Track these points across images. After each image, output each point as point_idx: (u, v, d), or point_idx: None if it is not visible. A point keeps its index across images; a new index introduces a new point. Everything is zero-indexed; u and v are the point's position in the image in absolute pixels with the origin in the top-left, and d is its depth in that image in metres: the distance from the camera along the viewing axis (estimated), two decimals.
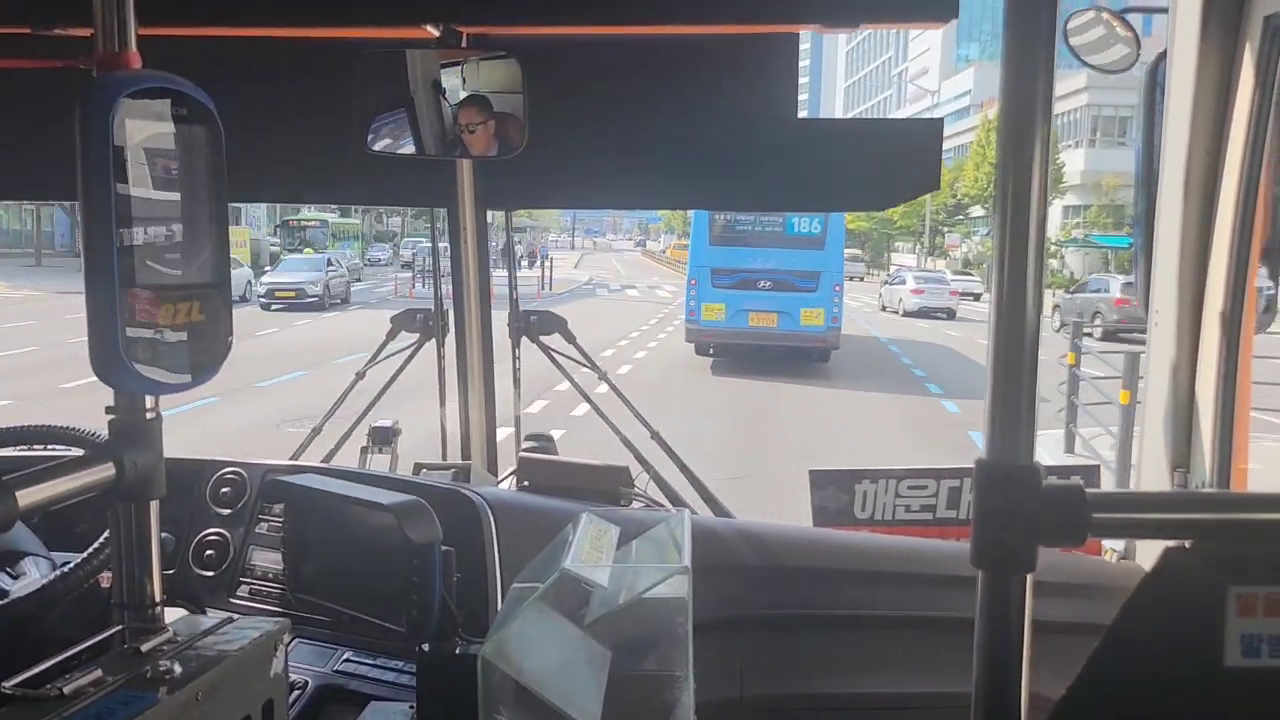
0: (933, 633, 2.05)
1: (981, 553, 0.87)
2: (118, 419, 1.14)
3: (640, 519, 1.94)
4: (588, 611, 1.50)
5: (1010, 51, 0.85)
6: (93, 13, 1.10)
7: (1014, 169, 0.85)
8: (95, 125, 1.00)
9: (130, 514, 1.16)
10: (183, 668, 1.08)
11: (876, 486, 2.52)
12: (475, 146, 2.23)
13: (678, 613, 1.48)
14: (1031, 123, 0.84)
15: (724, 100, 2.28)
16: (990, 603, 0.87)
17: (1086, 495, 0.87)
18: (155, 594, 1.17)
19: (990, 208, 31.03)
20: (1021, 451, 0.85)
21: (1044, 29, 0.85)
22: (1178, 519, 0.92)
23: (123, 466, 1.11)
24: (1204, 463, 2.09)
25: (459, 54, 2.18)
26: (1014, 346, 0.85)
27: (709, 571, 1.73)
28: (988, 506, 0.87)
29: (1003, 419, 0.86)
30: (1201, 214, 2.04)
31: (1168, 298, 2.12)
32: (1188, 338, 2.10)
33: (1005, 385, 0.85)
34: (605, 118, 2.35)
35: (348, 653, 2.00)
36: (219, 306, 1.15)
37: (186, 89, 1.10)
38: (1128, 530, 1.14)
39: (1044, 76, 0.84)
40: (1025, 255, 0.85)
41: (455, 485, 2.19)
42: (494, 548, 1.94)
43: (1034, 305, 0.85)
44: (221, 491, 2.26)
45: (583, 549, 1.53)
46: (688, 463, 2.73)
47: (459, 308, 2.71)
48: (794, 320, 17.77)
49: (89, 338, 1.03)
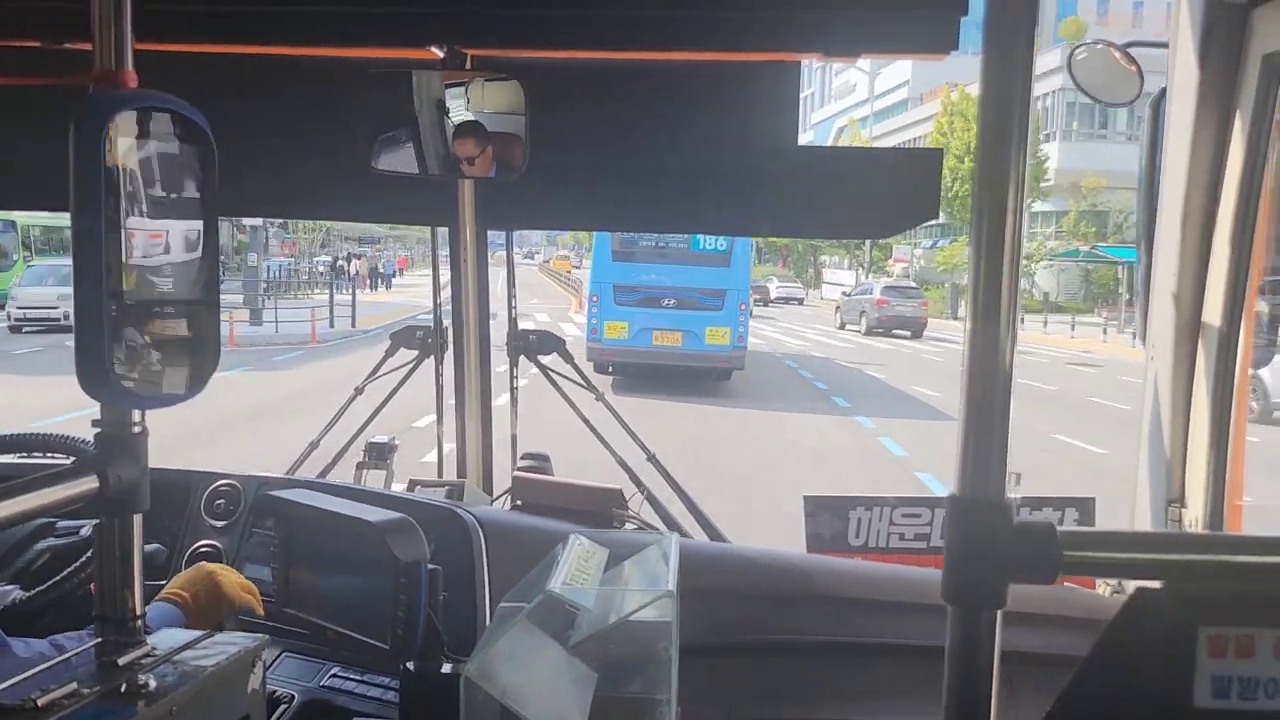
0: (920, 660, 2.04)
1: (952, 588, 0.87)
2: (104, 432, 1.14)
3: (631, 541, 1.94)
4: (573, 633, 1.50)
5: (989, 65, 0.85)
6: (91, 30, 1.12)
7: (989, 205, 0.84)
8: (88, 141, 1.01)
9: (113, 527, 1.17)
10: (159, 682, 1.09)
11: (871, 514, 2.52)
12: (476, 168, 2.24)
13: (663, 636, 1.48)
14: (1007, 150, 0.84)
15: (725, 126, 2.29)
16: (960, 638, 0.87)
17: (1058, 534, 0.87)
18: (136, 607, 1.18)
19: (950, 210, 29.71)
20: (993, 487, 0.85)
21: (1024, 32, 0.84)
22: (1149, 559, 0.92)
23: (107, 479, 1.11)
24: (1198, 499, 2.09)
25: (463, 76, 2.20)
26: (987, 380, 0.85)
27: (699, 595, 1.73)
28: (959, 542, 0.87)
29: (975, 453, 0.85)
30: (1199, 248, 2.05)
31: (1164, 331, 2.12)
32: (1183, 372, 2.10)
33: (978, 419, 0.85)
34: (606, 141, 2.36)
35: (334, 668, 2.00)
36: (208, 322, 1.16)
37: (181, 108, 1.11)
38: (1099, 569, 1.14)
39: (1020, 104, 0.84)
40: (999, 288, 0.84)
41: (448, 503, 2.20)
42: (483, 567, 1.95)
43: (1007, 338, 0.85)
44: (215, 503, 2.27)
45: (570, 570, 1.53)
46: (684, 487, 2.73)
47: (458, 326, 2.72)
48: (699, 340, 17.09)
49: (76, 350, 1.04)
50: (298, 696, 1.94)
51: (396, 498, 2.23)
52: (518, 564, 1.70)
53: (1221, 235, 1.98)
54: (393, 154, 2.22)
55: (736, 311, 17.20)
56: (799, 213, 2.40)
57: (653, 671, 1.50)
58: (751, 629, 2.08)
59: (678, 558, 1.58)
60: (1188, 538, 1.45)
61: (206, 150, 1.13)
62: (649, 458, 2.82)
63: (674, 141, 2.33)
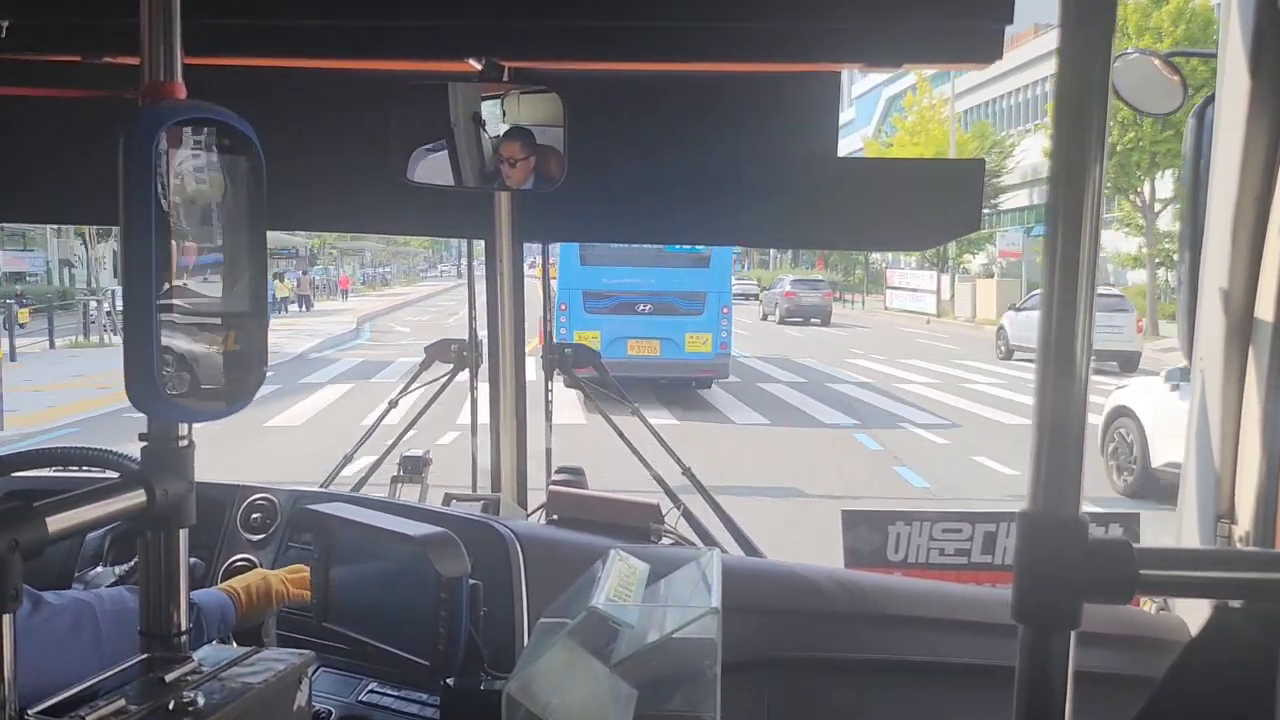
0: (967, 680, 2.01)
1: (1023, 608, 0.84)
2: (150, 446, 1.14)
3: (670, 557, 1.92)
4: (615, 650, 1.48)
5: (1066, 55, 0.81)
6: (140, 43, 1.11)
7: (1064, 205, 0.82)
8: (139, 154, 1.01)
9: (160, 542, 1.16)
10: (206, 699, 1.08)
11: (910, 529, 2.49)
12: (514, 179, 2.24)
13: (706, 654, 1.46)
14: (1084, 164, 0.81)
15: (763, 138, 2.27)
16: (1031, 659, 0.84)
17: (1135, 552, 0.84)
18: (181, 623, 1.17)
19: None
20: (1067, 504, 0.83)
21: (1104, 17, 0.81)
22: (1227, 578, 0.89)
23: (154, 494, 1.11)
24: (1248, 513, 2.04)
25: (500, 88, 2.20)
26: (1062, 392, 0.82)
27: (739, 612, 1.71)
28: (1031, 560, 0.84)
29: (1048, 468, 0.83)
30: (1250, 260, 2.01)
31: (1213, 348, 2.08)
32: (1234, 387, 2.06)
33: (1052, 433, 0.82)
34: (643, 153, 2.35)
35: (372, 684, 1.99)
36: (255, 335, 1.15)
37: (230, 120, 1.10)
38: (1176, 589, 1.11)
39: (1098, 101, 0.81)
40: (1075, 294, 0.81)
41: (484, 518, 2.19)
42: (521, 582, 1.93)
43: (1084, 349, 0.82)
44: (252, 517, 2.27)
45: (611, 586, 1.51)
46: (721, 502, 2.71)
47: (493, 339, 2.71)
48: (678, 347, 15.80)
49: (125, 364, 1.04)
50: (335, 712, 1.93)
51: (433, 512, 2.22)
52: (555, 579, 1.68)
53: (1273, 246, 1.94)
54: (430, 166, 2.22)
55: (718, 315, 16.03)
56: (838, 224, 2.38)
57: (696, 689, 1.48)
58: (794, 646, 2.05)
59: (720, 574, 1.56)
60: (1267, 556, 1.41)
61: (255, 162, 1.13)
62: (684, 471, 2.79)
63: (711, 153, 2.32)
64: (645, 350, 15.81)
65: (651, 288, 15.90)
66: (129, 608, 1.46)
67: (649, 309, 15.92)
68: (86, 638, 1.45)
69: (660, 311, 15.91)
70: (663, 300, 15.92)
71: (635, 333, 15.75)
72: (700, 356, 16.00)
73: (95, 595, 1.56)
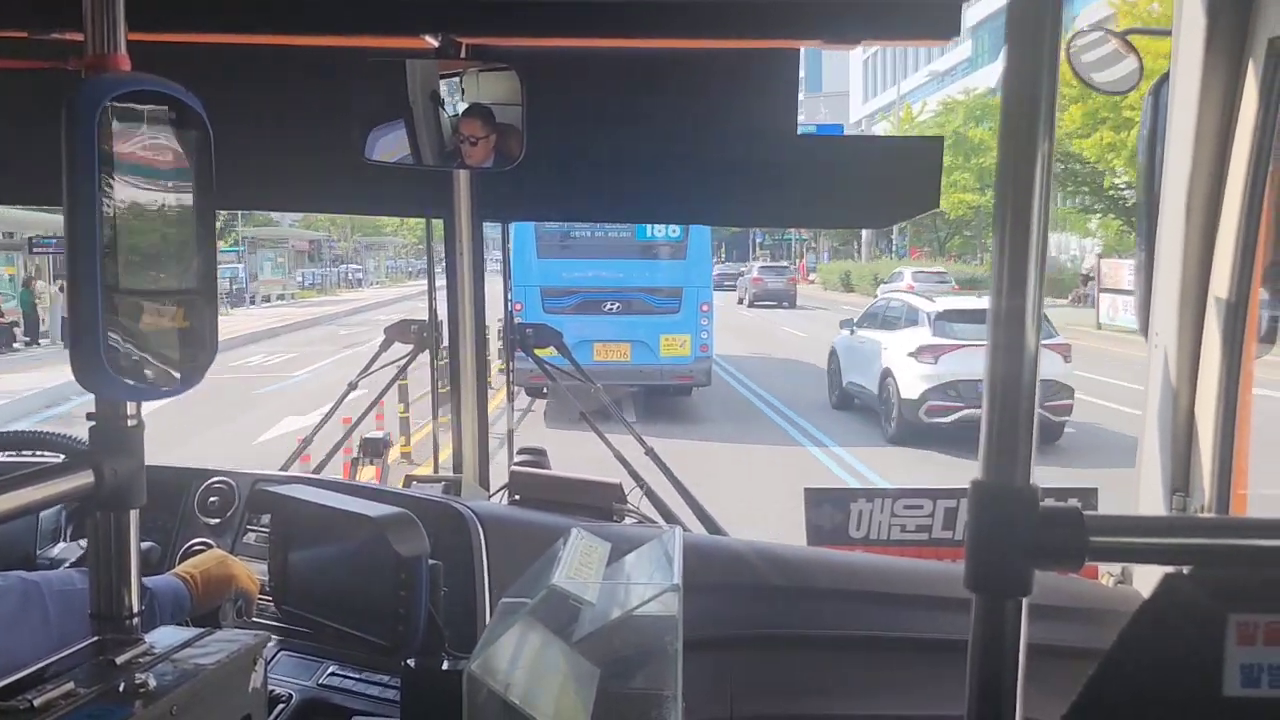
0: (927, 655, 2.03)
1: (976, 575, 0.85)
2: (98, 425, 1.12)
3: (632, 535, 1.92)
4: (576, 628, 1.48)
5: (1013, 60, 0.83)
6: (83, 16, 1.09)
7: (1014, 181, 0.82)
8: (81, 127, 0.99)
9: (109, 522, 1.14)
10: (158, 681, 1.06)
11: (872, 506, 2.50)
12: (473, 158, 2.22)
13: (668, 631, 1.46)
14: (1034, 133, 0.82)
15: (723, 114, 2.27)
16: (984, 626, 0.85)
17: (1085, 518, 0.85)
18: (133, 605, 1.15)
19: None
20: (1019, 472, 0.83)
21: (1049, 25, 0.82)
22: (1178, 544, 0.90)
23: (102, 474, 1.09)
24: (1203, 487, 2.07)
25: (458, 65, 2.17)
26: (1012, 363, 0.83)
27: (701, 589, 1.71)
28: (983, 528, 0.85)
29: (999, 438, 0.83)
30: (1204, 235, 2.03)
31: (1168, 320, 2.10)
32: (1188, 361, 2.09)
33: (1003, 403, 0.83)
34: (604, 130, 2.34)
35: (333, 666, 1.98)
36: (204, 312, 1.13)
37: (176, 92, 1.08)
38: (1126, 555, 1.12)
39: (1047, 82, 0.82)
40: (1025, 270, 0.82)
41: (445, 498, 2.17)
42: (483, 562, 1.92)
43: (1033, 321, 0.83)
44: (209, 501, 2.24)
45: (572, 565, 1.50)
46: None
47: (453, 319, 2.69)
48: (652, 351, 13.74)
49: (70, 342, 1.02)
50: (295, 695, 1.91)
51: (393, 493, 2.21)
52: (517, 559, 1.68)
53: (1228, 221, 1.97)
54: (388, 145, 2.19)
55: (697, 314, 13.96)
56: (799, 202, 2.38)
57: (658, 666, 1.48)
58: (756, 623, 2.06)
59: (681, 551, 1.56)
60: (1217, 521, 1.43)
61: (202, 135, 1.10)
62: (647, 451, 2.79)
63: (672, 130, 2.31)
64: (614, 355, 13.69)
65: (620, 283, 13.87)
66: (77, 589, 1.44)
67: (617, 307, 13.91)
68: (34, 618, 1.43)
69: (630, 310, 13.89)
70: (633, 297, 13.90)
71: (602, 335, 13.61)
72: (677, 361, 13.90)
73: (43, 576, 1.53)
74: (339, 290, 48.19)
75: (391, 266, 61.01)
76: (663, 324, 13.87)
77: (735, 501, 8.11)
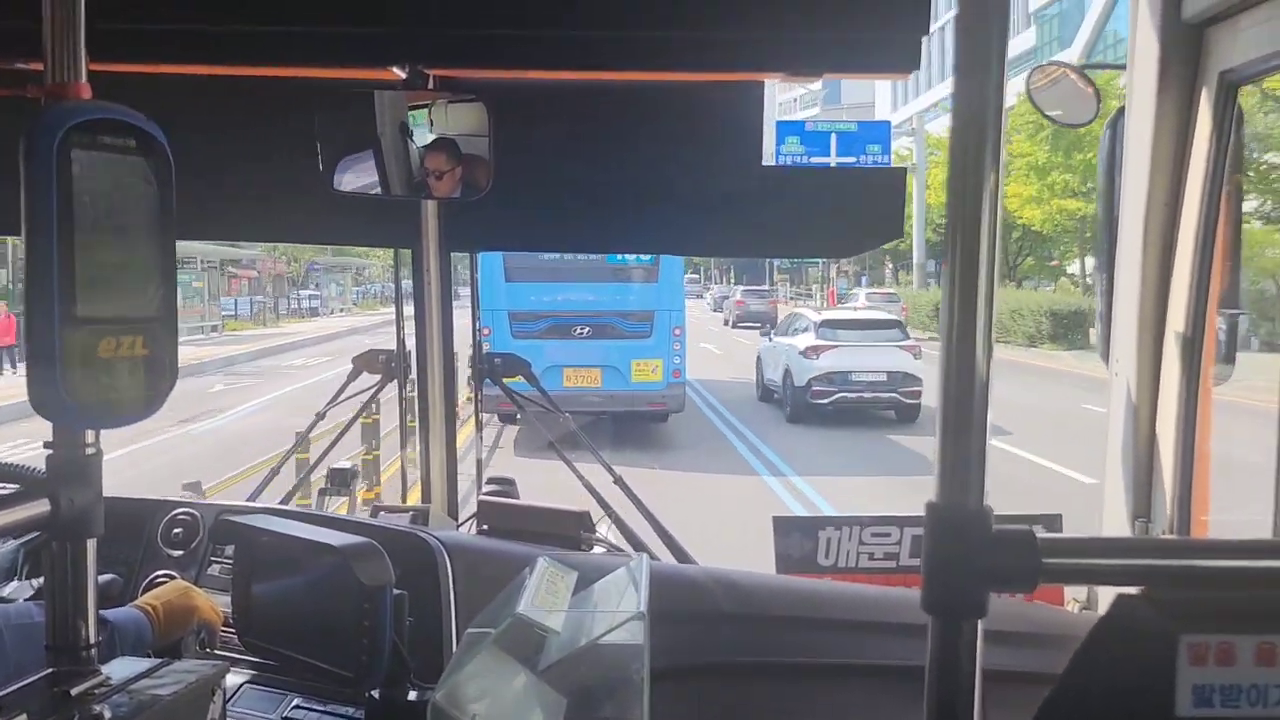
0: (892, 681, 2.03)
1: (932, 598, 0.86)
2: (55, 454, 1.11)
3: (599, 564, 1.92)
4: (542, 657, 1.47)
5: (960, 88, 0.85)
6: (43, 44, 1.09)
7: (964, 205, 0.84)
8: (40, 155, 0.99)
9: (66, 553, 1.13)
10: (114, 713, 1.05)
11: (840, 533, 2.51)
12: (440, 189, 2.23)
13: (634, 659, 1.46)
14: (981, 171, 0.84)
15: (689, 146, 2.29)
16: (941, 649, 0.86)
17: (1038, 540, 0.86)
18: (90, 636, 1.14)
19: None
20: (972, 495, 0.84)
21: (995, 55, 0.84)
22: (1129, 565, 0.91)
23: (59, 503, 1.08)
24: (1164, 512, 2.10)
25: (426, 96, 2.18)
26: (964, 387, 0.84)
27: (669, 617, 1.71)
28: (938, 551, 0.86)
29: (953, 461, 0.84)
30: (1160, 265, 2.06)
31: (1127, 346, 2.13)
32: (1147, 387, 2.11)
33: (956, 427, 0.84)
34: (571, 161, 2.36)
35: (297, 699, 1.95)
36: (164, 340, 1.13)
37: (137, 121, 1.08)
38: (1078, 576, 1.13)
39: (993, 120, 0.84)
40: (975, 293, 0.84)
41: (411, 528, 2.16)
42: (449, 592, 1.91)
43: (984, 345, 0.84)
44: (173, 532, 2.22)
45: (538, 594, 1.50)
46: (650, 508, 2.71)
47: (421, 349, 2.69)
48: (623, 377, 13.55)
49: (27, 369, 1.01)
50: None
51: (360, 523, 2.19)
52: (484, 589, 1.67)
53: (1184, 251, 2.00)
54: (355, 175, 2.19)
55: (669, 338, 13.82)
56: (765, 232, 2.41)
57: (624, 695, 1.47)
58: (723, 651, 2.05)
59: (648, 580, 1.56)
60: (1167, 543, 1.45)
61: (163, 164, 1.11)
62: (615, 480, 2.79)
63: (638, 161, 2.33)
64: (584, 381, 13.55)
65: (590, 306, 13.79)
66: (35, 621, 1.42)
67: (587, 332, 13.78)
68: None
69: (601, 334, 13.77)
70: (603, 321, 13.80)
71: (572, 360, 13.47)
72: (649, 387, 13.75)
73: (0, 609, 1.51)
74: (286, 321, 40.42)
75: (361, 292, 54.18)
76: (634, 348, 13.78)
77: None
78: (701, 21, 2.03)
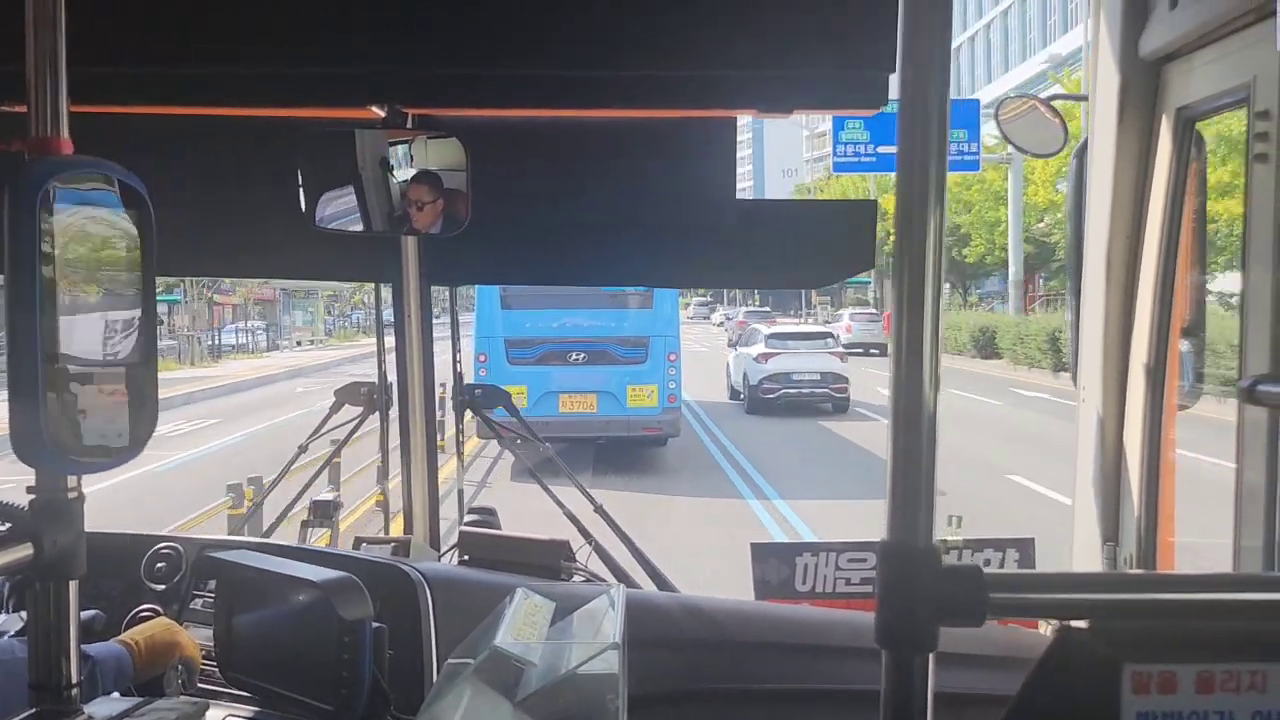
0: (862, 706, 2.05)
1: (884, 632, 0.89)
2: (38, 498, 1.13)
3: (579, 593, 1.94)
4: (520, 688, 1.49)
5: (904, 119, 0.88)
6: (27, 96, 1.12)
7: (909, 252, 0.87)
8: (23, 208, 1.02)
9: (49, 593, 1.15)
10: None
11: (817, 559, 2.54)
12: (421, 222, 2.26)
13: (609, 689, 1.48)
14: (925, 204, 0.87)
15: (663, 181, 2.34)
16: (894, 681, 0.89)
17: (985, 576, 0.89)
18: (72, 675, 1.16)
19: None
20: (921, 532, 0.87)
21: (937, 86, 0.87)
22: (1073, 600, 0.94)
23: (41, 545, 1.10)
24: (1132, 537, 2.13)
25: (405, 134, 2.22)
26: (912, 427, 0.87)
27: (647, 645, 1.73)
28: (890, 586, 0.89)
29: (903, 500, 0.87)
30: (1124, 293, 2.11)
31: (1093, 373, 2.17)
32: (1113, 414, 2.16)
33: (905, 466, 0.87)
34: (548, 197, 2.40)
35: None
36: (145, 385, 1.16)
37: (118, 173, 1.12)
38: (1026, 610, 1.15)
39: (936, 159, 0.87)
40: (921, 336, 0.87)
41: (393, 560, 2.18)
42: (430, 623, 1.93)
43: (931, 384, 0.87)
44: (156, 567, 2.24)
45: (516, 624, 1.52)
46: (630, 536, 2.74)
47: (402, 382, 2.72)
48: (619, 402, 13.68)
49: (9, 416, 1.04)
50: None
51: (341, 556, 2.21)
52: (465, 620, 1.69)
53: (1146, 280, 2.05)
54: (336, 212, 2.22)
55: (664, 364, 13.96)
56: (739, 264, 2.45)
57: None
58: (700, 678, 2.08)
59: (624, 609, 1.58)
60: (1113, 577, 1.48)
61: (144, 214, 1.14)
62: (596, 509, 2.82)
63: (614, 196, 2.37)
64: (580, 406, 13.75)
65: (585, 333, 13.92)
66: (18, 658, 1.44)
67: (583, 358, 13.91)
68: None
69: (596, 360, 13.89)
70: (598, 347, 13.92)
71: (568, 386, 13.77)
72: (645, 412, 13.83)
73: None
74: (215, 361, 32.54)
75: (334, 321, 49.55)
76: (629, 374, 13.90)
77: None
78: (674, 61, 2.07)
